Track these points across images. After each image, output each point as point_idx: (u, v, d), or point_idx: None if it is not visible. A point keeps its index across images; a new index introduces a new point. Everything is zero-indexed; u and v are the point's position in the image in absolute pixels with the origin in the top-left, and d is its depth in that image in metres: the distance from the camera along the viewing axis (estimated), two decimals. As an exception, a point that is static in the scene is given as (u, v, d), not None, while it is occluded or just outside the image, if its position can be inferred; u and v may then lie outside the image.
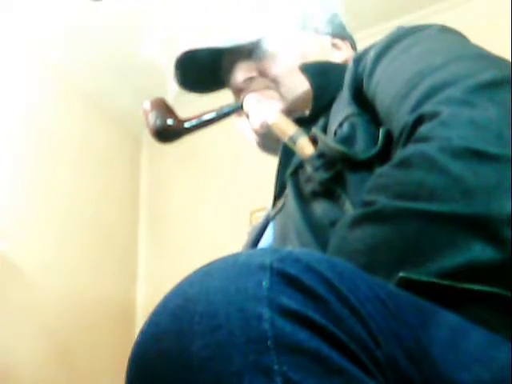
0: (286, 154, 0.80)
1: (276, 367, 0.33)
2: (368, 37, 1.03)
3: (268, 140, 0.87)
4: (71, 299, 2.25)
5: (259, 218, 2.53)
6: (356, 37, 1.00)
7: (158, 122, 0.83)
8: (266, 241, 0.81)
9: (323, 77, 0.85)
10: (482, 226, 0.46)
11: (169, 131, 0.84)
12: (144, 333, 0.38)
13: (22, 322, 2.03)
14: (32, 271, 2.14)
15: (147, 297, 2.63)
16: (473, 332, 0.42)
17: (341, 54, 0.93)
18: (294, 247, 0.66)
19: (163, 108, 0.84)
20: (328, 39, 0.93)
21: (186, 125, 0.85)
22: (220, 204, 2.60)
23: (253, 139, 0.90)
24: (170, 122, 0.84)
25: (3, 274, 2.02)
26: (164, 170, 2.88)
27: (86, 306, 2.31)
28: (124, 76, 2.67)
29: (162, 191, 2.84)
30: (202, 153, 2.72)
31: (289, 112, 0.84)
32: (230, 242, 2.48)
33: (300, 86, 0.85)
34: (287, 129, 0.79)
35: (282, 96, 0.86)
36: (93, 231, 2.48)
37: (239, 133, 0.93)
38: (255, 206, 2.43)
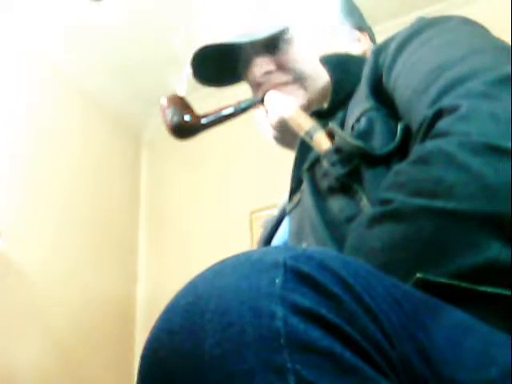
0: (303, 148, 0.78)
1: (289, 365, 0.32)
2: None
3: (285, 135, 0.85)
4: (71, 299, 2.25)
5: (259, 217, 2.54)
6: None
7: (175, 119, 0.82)
8: (282, 236, 0.80)
9: (343, 69, 0.83)
10: (501, 225, 0.44)
11: (186, 127, 0.83)
12: (156, 329, 0.38)
13: (21, 321, 2.03)
14: (32, 271, 2.13)
15: (147, 297, 2.62)
16: (480, 330, 0.41)
17: (360, 46, 0.91)
18: (309, 243, 0.65)
19: (180, 104, 0.83)
20: (347, 31, 0.92)
21: (203, 121, 0.84)
22: (220, 204, 2.60)
23: (270, 134, 0.89)
24: (187, 118, 0.83)
25: (3, 274, 2.02)
26: (164, 169, 2.87)
27: (86, 305, 2.30)
28: (124, 76, 2.67)
29: (161, 191, 2.83)
30: (202, 153, 2.72)
31: (307, 107, 0.83)
32: (230, 241, 2.48)
33: (320, 78, 0.84)
34: (304, 123, 0.77)
35: (301, 89, 0.85)
36: (93, 231, 2.47)
37: (238, 133, 0.92)
38: (255, 206, 2.43)
